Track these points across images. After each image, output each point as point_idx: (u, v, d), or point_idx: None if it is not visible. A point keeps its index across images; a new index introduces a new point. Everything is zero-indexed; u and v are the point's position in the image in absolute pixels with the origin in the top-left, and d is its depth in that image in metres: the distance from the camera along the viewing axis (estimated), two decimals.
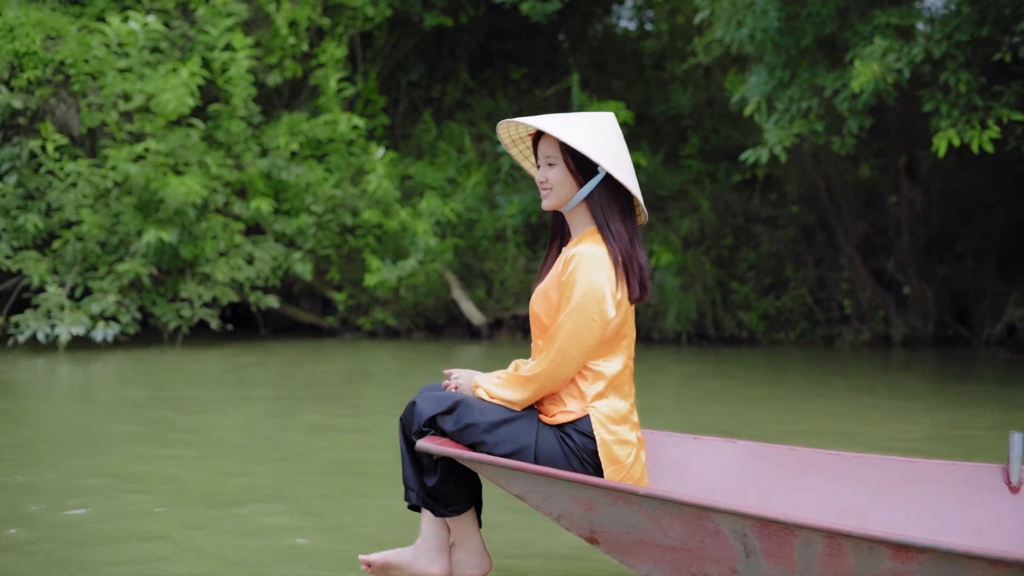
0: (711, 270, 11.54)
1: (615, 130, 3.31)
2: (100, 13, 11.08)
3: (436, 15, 12.26)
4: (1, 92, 10.15)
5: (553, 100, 12.63)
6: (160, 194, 10.14)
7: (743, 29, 8.68)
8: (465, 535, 3.34)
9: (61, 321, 9.73)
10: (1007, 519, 3.27)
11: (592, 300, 3.16)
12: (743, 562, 2.89)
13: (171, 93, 10.19)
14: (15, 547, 3.88)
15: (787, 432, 6.49)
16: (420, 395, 3.30)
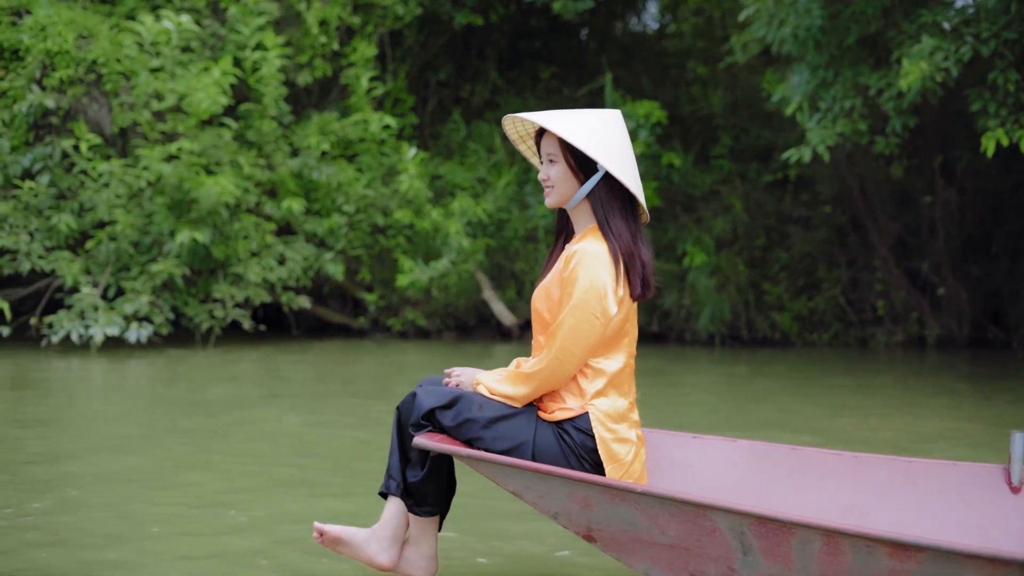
0: (744, 271, 11.46)
1: (619, 129, 3.31)
2: (130, 12, 11.02)
3: (466, 14, 12.19)
4: (33, 91, 10.09)
5: (585, 100, 12.54)
6: (193, 194, 10.08)
7: (785, 28, 8.59)
8: (423, 536, 3.33)
9: (95, 322, 9.67)
10: (1008, 519, 3.26)
11: (594, 297, 3.17)
12: (741, 560, 2.88)
13: (204, 92, 10.13)
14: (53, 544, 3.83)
15: (822, 432, 6.42)
16: (421, 387, 3.30)
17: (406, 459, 3.31)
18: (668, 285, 11.52)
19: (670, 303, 11.50)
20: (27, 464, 5.29)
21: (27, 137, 10.23)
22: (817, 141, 8.52)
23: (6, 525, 4.17)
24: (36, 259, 9.77)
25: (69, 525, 4.19)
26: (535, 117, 3.27)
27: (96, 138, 10.04)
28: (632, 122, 10.85)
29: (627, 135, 3.32)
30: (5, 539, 3.98)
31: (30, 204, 9.97)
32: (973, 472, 3.36)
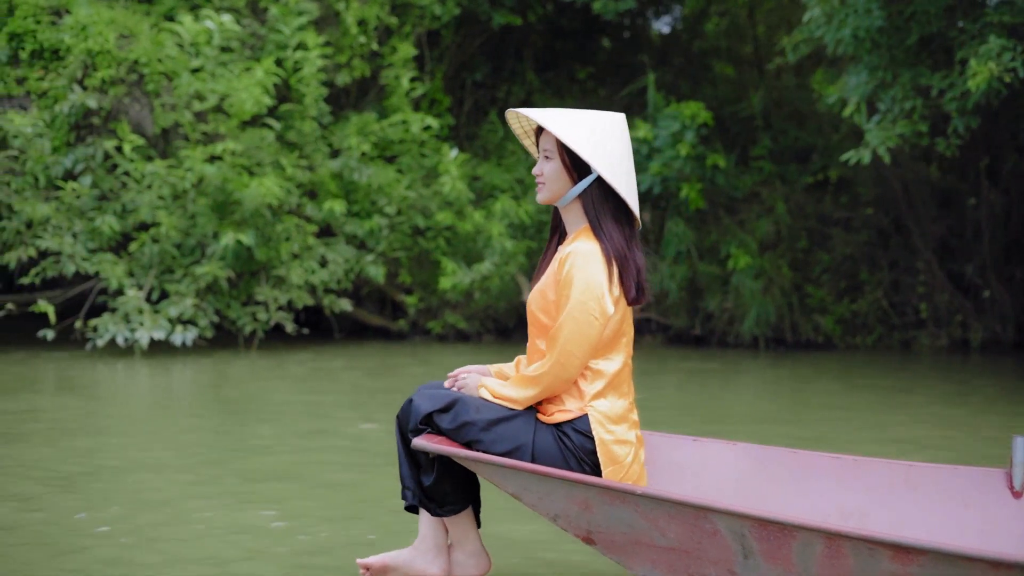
0: (788, 273, 11.36)
1: (620, 133, 3.30)
2: (169, 11, 10.92)
3: (504, 14, 12.09)
4: (75, 91, 9.98)
5: (627, 101, 12.44)
6: (236, 196, 9.97)
7: (845, 28, 8.49)
8: (463, 535, 3.32)
9: (141, 325, 9.56)
10: (1010, 523, 3.26)
11: (591, 297, 3.16)
12: (741, 563, 2.86)
13: (247, 93, 10.01)
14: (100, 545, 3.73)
15: (870, 441, 6.33)
16: (418, 393, 3.29)
17: (416, 466, 3.31)
18: (711, 288, 11.42)
19: (713, 306, 11.40)
20: (94, 473, 5.19)
21: (68, 138, 10.12)
22: (878, 142, 8.42)
23: (79, 535, 4.06)
24: (80, 261, 9.65)
25: (140, 543, 4.08)
26: (535, 114, 3.26)
27: (139, 139, 9.93)
28: (677, 123, 10.75)
29: (628, 140, 3.31)
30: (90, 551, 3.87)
31: (72, 205, 9.85)
32: (974, 476, 3.35)
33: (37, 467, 5.27)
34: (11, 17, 10.70)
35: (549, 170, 3.30)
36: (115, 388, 8.32)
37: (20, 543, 3.98)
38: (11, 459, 5.46)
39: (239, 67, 10.44)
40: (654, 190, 11.06)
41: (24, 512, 4.40)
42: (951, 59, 8.54)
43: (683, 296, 11.46)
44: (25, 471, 5.18)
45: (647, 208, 11.53)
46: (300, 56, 10.57)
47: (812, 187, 12.11)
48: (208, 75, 10.18)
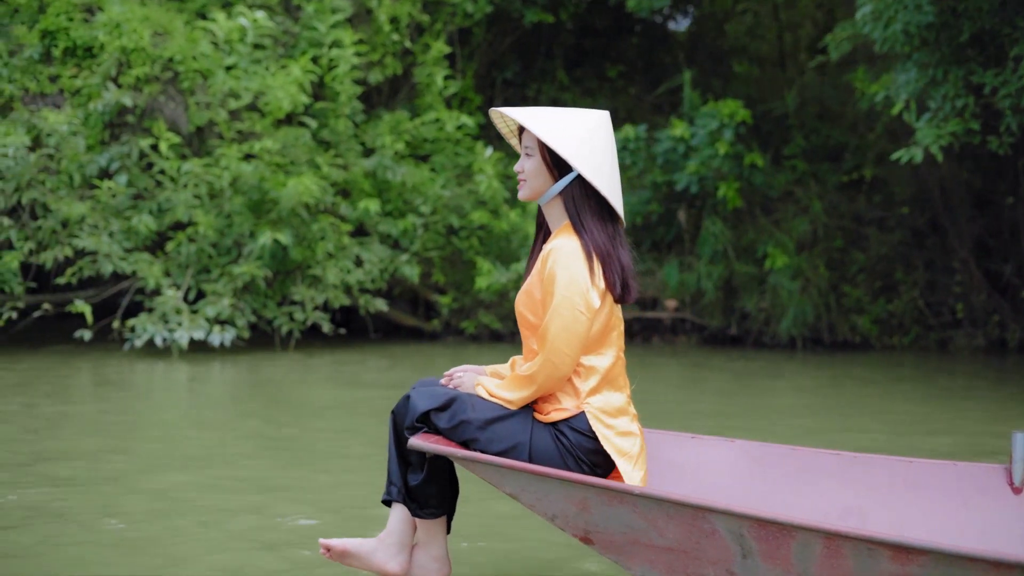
0: (825, 273, 11.26)
1: (604, 132, 3.29)
2: (201, 8, 10.82)
3: (536, 11, 12.00)
4: (110, 89, 9.88)
5: (663, 99, 12.36)
6: (272, 194, 9.87)
7: (895, 25, 8.39)
8: (431, 539, 3.31)
9: (179, 325, 9.45)
10: (1010, 520, 3.26)
11: (575, 292, 3.15)
12: (740, 563, 2.85)
13: (283, 90, 9.92)
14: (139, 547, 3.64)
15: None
16: (415, 390, 3.27)
17: (405, 463, 3.29)
18: (747, 288, 11.33)
19: (750, 306, 11.30)
20: (151, 473, 5.10)
21: (102, 136, 10.02)
22: (930, 141, 8.32)
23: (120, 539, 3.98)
24: (117, 261, 9.54)
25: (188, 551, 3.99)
26: (515, 113, 3.27)
27: (175, 137, 9.82)
28: (715, 121, 10.65)
29: (612, 139, 3.31)
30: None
31: (108, 204, 9.75)
32: (974, 473, 3.34)
33: (76, 467, 5.18)
34: (43, 15, 10.61)
35: (530, 167, 3.31)
36: (158, 389, 8.23)
37: (75, 542, 3.89)
38: (68, 462, 5.37)
39: (272, 65, 10.35)
40: (691, 189, 10.96)
41: (65, 511, 4.32)
42: (1003, 56, 8.44)
43: (719, 296, 11.36)
44: (75, 474, 5.09)
45: (682, 207, 11.43)
46: (335, 54, 10.47)
47: (845, 186, 12.02)
48: (243, 72, 10.08)
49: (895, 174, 11.76)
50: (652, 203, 11.39)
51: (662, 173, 11.22)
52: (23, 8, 10.80)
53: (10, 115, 10.12)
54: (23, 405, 7.12)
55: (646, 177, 11.42)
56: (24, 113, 9.94)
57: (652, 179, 11.30)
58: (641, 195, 11.42)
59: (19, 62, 10.32)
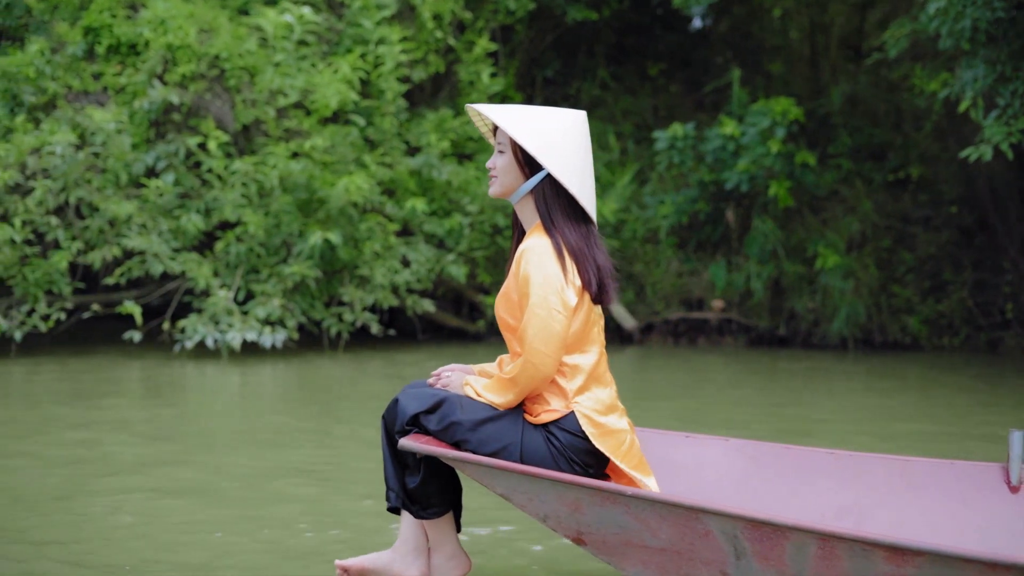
0: (875, 273, 11.13)
1: (577, 130, 3.28)
2: (243, 5, 10.67)
3: (580, 9, 11.85)
4: (155, 87, 9.74)
5: (711, 98, 12.22)
6: (320, 194, 9.72)
7: (964, 20, 8.26)
8: (442, 539, 3.30)
9: (231, 326, 9.30)
10: (1007, 519, 3.25)
11: (551, 292, 3.14)
12: (733, 564, 2.83)
13: (333, 88, 9.76)
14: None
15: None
16: (403, 392, 3.27)
17: (401, 467, 3.27)
18: (796, 288, 11.19)
19: (799, 306, 11.16)
20: (241, 479, 4.97)
21: (147, 134, 9.87)
22: (1000, 138, 8.18)
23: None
24: (167, 261, 9.39)
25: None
26: (487, 111, 3.27)
27: (224, 135, 9.67)
28: (767, 119, 10.52)
29: (587, 139, 3.31)
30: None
31: (156, 204, 9.60)
32: (971, 471, 3.34)
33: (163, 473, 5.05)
34: (85, 12, 10.47)
35: (501, 163, 3.30)
36: (217, 392, 8.10)
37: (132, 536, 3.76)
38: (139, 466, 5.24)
39: (316, 62, 10.20)
40: (741, 187, 10.82)
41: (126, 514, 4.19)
42: None
43: (766, 296, 11.23)
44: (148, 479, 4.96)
45: (730, 206, 11.29)
46: (382, 51, 10.33)
47: (891, 185, 11.89)
48: (291, 69, 9.94)
49: (943, 173, 11.63)
50: (699, 202, 11.25)
51: (710, 172, 11.09)
52: (63, 5, 10.66)
53: (53, 113, 9.98)
54: (88, 408, 6.99)
55: (692, 176, 11.28)
56: (68, 111, 9.79)
57: (699, 178, 11.17)
58: (687, 194, 11.28)
59: (62, 59, 10.18)
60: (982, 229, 11.66)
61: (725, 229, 11.43)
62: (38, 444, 5.75)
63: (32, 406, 7.19)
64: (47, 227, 9.35)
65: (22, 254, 9.35)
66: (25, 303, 9.38)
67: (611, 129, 12.19)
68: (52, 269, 9.25)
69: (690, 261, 11.50)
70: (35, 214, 9.30)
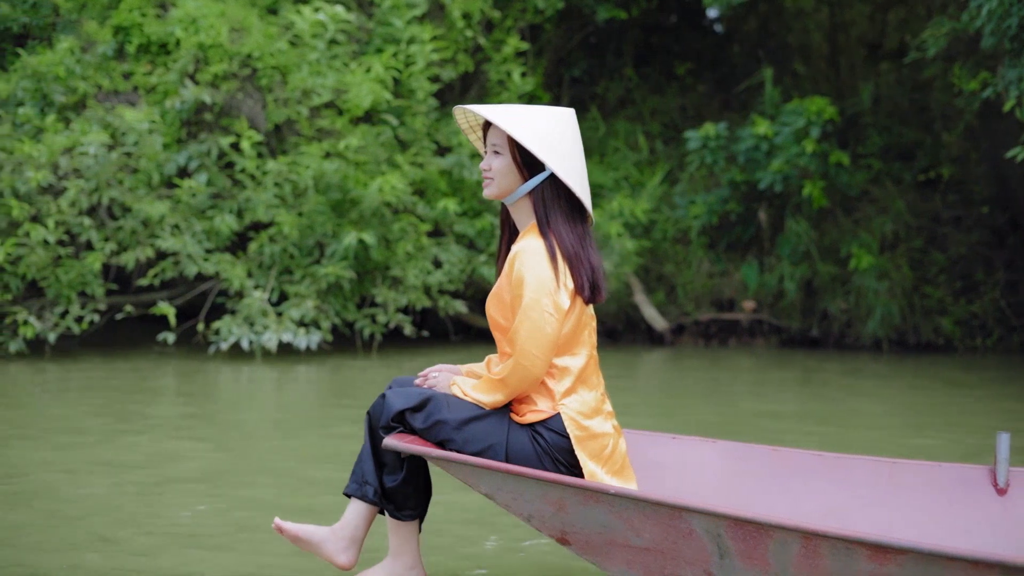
0: (908, 273, 11.05)
1: (572, 128, 3.26)
2: (272, 4, 10.59)
3: (609, 8, 11.77)
4: (187, 86, 9.65)
5: (743, 98, 12.14)
6: (353, 194, 9.63)
7: (1012, 19, 8.17)
8: (404, 546, 3.27)
9: (266, 328, 9.22)
10: (994, 520, 3.25)
11: (544, 294, 3.13)
12: (717, 563, 2.83)
13: (366, 87, 9.68)
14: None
15: None
16: (390, 389, 3.26)
17: (381, 464, 3.24)
18: (829, 289, 11.11)
19: (834, 307, 11.08)
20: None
21: (179, 134, 9.78)
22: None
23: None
24: (201, 262, 9.31)
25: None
26: (484, 111, 3.23)
27: (257, 135, 9.59)
28: (802, 119, 10.44)
29: (579, 135, 3.29)
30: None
31: (189, 204, 9.51)
32: (958, 473, 3.34)
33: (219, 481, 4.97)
34: (114, 10, 10.39)
35: (498, 165, 3.26)
36: (257, 393, 8.02)
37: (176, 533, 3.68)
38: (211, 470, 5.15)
39: (348, 61, 10.11)
40: (775, 187, 10.74)
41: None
42: None
43: (798, 297, 11.15)
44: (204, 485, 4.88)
45: (762, 206, 11.22)
46: (414, 50, 10.24)
47: (922, 185, 11.82)
48: (324, 68, 9.85)
49: (974, 173, 11.56)
50: (730, 202, 11.18)
51: (741, 172, 11.01)
52: (91, 3, 10.58)
53: (84, 113, 9.89)
54: (130, 410, 6.91)
55: (723, 176, 11.20)
56: (99, 111, 9.71)
57: (730, 178, 11.08)
58: (718, 194, 11.20)
59: (92, 59, 10.09)
60: (1014, 229, 11.60)
61: (757, 229, 11.35)
62: (80, 448, 5.67)
63: (70, 408, 7.09)
64: (80, 228, 9.27)
65: (55, 255, 9.26)
66: (58, 305, 9.29)
67: (640, 129, 12.11)
68: (85, 270, 9.16)
69: (720, 262, 11.43)
70: (68, 215, 9.21)
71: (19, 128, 9.65)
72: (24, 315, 9.06)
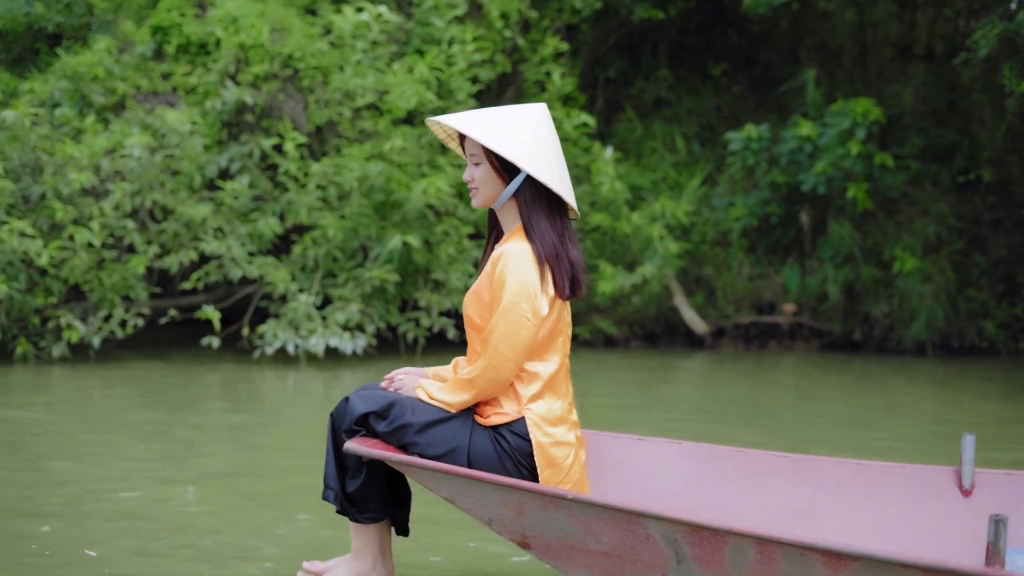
0: (952, 276, 10.94)
1: (543, 125, 3.25)
2: (310, 5, 10.47)
3: (646, 7, 11.66)
4: (228, 87, 9.53)
5: (769, 98, 12.02)
6: (396, 196, 9.52)
7: None
8: (365, 548, 3.25)
9: (312, 332, 9.10)
10: (959, 522, 3.27)
11: (524, 298, 3.12)
12: (675, 568, 2.85)
13: (410, 88, 9.56)
14: None
15: None
16: (355, 393, 3.24)
17: (343, 468, 3.23)
18: (872, 292, 11.01)
19: (877, 311, 10.97)
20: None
21: (220, 136, 9.66)
22: None
23: None
24: (246, 266, 9.19)
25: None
26: (452, 121, 3.23)
27: (301, 136, 9.47)
28: (848, 120, 10.33)
29: (553, 131, 3.28)
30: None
31: (231, 207, 9.39)
32: (924, 475, 3.35)
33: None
34: (151, 10, 10.28)
35: (479, 175, 3.26)
36: (302, 399, 7.90)
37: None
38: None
39: (387, 61, 10.00)
40: (819, 190, 10.63)
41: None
42: None
43: (840, 300, 11.04)
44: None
45: (804, 208, 11.11)
46: (455, 50, 10.13)
47: (961, 187, 11.72)
48: (367, 69, 9.74)
49: (1015, 175, 11.47)
50: (770, 204, 11.06)
51: (782, 173, 10.89)
52: (127, 3, 10.47)
53: (123, 114, 9.77)
54: (183, 415, 6.80)
55: (764, 178, 11.09)
56: (139, 112, 9.59)
57: (771, 179, 10.98)
58: (758, 196, 11.09)
59: (130, 59, 9.97)
60: None
61: (797, 232, 11.24)
62: (134, 455, 5.57)
63: (118, 414, 6.97)
64: (123, 231, 9.14)
65: (98, 258, 9.14)
66: (101, 308, 9.17)
67: (677, 130, 12.00)
68: (129, 274, 9.04)
69: (760, 264, 11.32)
70: (110, 217, 9.08)
71: (58, 129, 9.53)
72: (68, 318, 8.93)
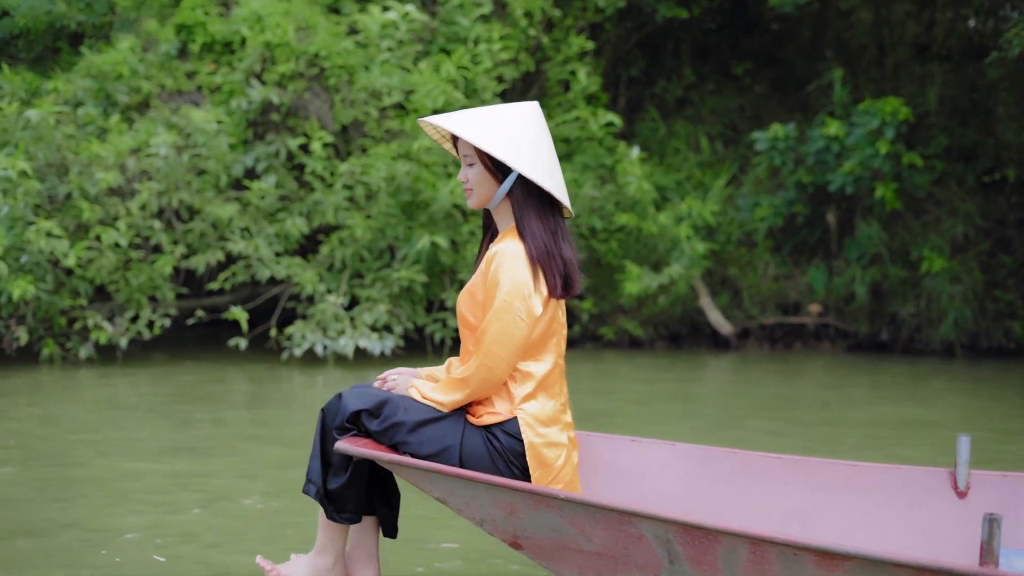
0: (979, 276, 10.87)
1: (535, 123, 3.25)
2: (334, 3, 10.40)
3: (670, 6, 11.58)
4: (254, 86, 9.46)
5: (793, 97, 11.95)
6: (424, 196, 9.44)
7: None
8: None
9: (341, 333, 9.02)
10: (954, 523, 3.26)
11: (517, 298, 3.12)
12: (667, 568, 2.84)
13: (438, 87, 9.49)
14: None
15: None
16: (348, 390, 3.24)
17: (328, 464, 3.22)
18: (899, 292, 10.93)
19: (905, 312, 10.89)
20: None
21: (245, 135, 9.59)
22: None
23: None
24: (274, 266, 9.11)
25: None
26: (442, 122, 3.23)
27: (328, 135, 9.39)
28: (876, 120, 10.25)
29: (545, 129, 3.27)
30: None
31: (258, 207, 9.31)
32: (919, 476, 3.34)
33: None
34: (174, 9, 10.21)
35: (473, 175, 3.26)
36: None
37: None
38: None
39: (413, 61, 9.92)
40: (847, 190, 10.55)
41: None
42: None
43: (866, 301, 10.96)
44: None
45: (831, 208, 11.03)
46: (481, 49, 10.06)
47: (987, 187, 11.64)
48: (394, 68, 9.66)
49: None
50: (796, 204, 10.98)
51: (808, 173, 10.81)
52: (150, 1, 10.39)
53: (148, 113, 9.70)
54: (212, 418, 6.73)
55: (789, 178, 11.01)
56: (164, 111, 9.51)
57: (796, 179, 10.89)
58: (784, 196, 11.02)
59: (155, 58, 9.90)
60: None
61: (823, 232, 11.16)
62: (165, 458, 5.50)
63: (147, 417, 6.91)
64: (150, 231, 9.07)
65: (125, 259, 9.06)
66: (127, 309, 9.09)
67: (701, 130, 11.93)
68: (156, 274, 8.96)
69: (785, 265, 11.24)
70: (137, 217, 9.01)
71: (82, 128, 9.45)
72: (95, 319, 8.86)
